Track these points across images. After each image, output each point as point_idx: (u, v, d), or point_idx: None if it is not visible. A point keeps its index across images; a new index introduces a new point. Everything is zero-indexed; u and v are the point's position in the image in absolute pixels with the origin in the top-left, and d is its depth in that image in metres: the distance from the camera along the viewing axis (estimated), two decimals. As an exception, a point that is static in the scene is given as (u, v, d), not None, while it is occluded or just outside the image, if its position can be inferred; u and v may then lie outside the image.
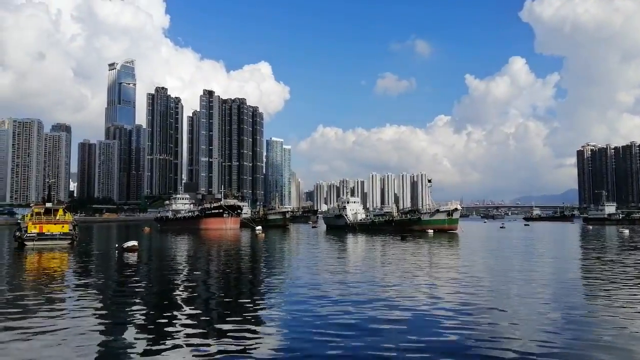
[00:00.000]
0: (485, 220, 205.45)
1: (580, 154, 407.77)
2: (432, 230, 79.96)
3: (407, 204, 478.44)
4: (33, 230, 52.12)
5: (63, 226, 54.46)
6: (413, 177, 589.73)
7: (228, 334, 14.70)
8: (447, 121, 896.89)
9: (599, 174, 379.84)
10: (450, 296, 20.78)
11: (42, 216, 54.63)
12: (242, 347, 13.27)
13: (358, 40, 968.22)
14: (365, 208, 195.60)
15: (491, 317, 16.79)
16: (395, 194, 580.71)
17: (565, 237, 77.55)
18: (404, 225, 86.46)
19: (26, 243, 50.73)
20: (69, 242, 53.31)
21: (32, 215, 55.38)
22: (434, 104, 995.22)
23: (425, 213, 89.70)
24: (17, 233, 53.96)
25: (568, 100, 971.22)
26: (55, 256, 42.22)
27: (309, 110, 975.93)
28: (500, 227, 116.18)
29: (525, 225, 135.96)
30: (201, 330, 15.40)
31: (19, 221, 61.10)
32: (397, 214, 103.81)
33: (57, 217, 55.62)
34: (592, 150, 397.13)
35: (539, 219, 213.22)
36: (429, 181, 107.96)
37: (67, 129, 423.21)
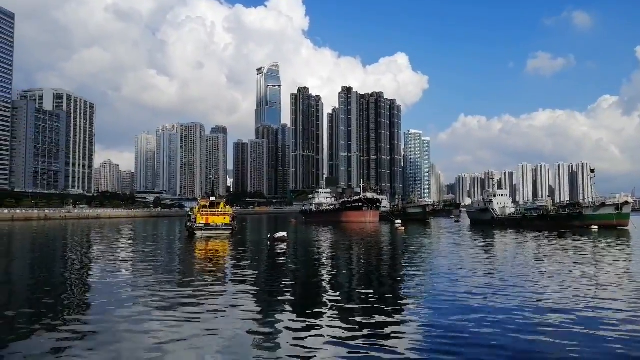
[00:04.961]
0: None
1: None
2: (596, 227, 70.63)
3: (565, 197, 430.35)
4: (201, 221, 59.51)
5: (225, 218, 61.22)
6: (572, 166, 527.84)
7: (369, 329, 14.90)
8: (613, 102, 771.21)
9: None
10: (620, 310, 17.78)
11: (208, 209, 62.08)
12: (382, 345, 13.33)
13: (503, 19, 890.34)
14: (515, 202, 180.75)
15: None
16: (550, 186, 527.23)
17: None
18: (561, 221, 77.92)
19: (195, 232, 58.15)
20: (230, 232, 59.74)
21: (199, 208, 63.29)
22: (596, 83, 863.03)
23: (588, 207, 79.51)
24: (188, 224, 62.10)
25: None
26: (218, 244, 47.84)
27: (449, 99, 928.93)
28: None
29: None
30: (344, 325, 15.56)
31: (188, 213, 70.16)
32: (552, 208, 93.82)
33: (220, 210, 62.68)
34: None
35: None
36: (592, 171, 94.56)
37: (223, 130, 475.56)
